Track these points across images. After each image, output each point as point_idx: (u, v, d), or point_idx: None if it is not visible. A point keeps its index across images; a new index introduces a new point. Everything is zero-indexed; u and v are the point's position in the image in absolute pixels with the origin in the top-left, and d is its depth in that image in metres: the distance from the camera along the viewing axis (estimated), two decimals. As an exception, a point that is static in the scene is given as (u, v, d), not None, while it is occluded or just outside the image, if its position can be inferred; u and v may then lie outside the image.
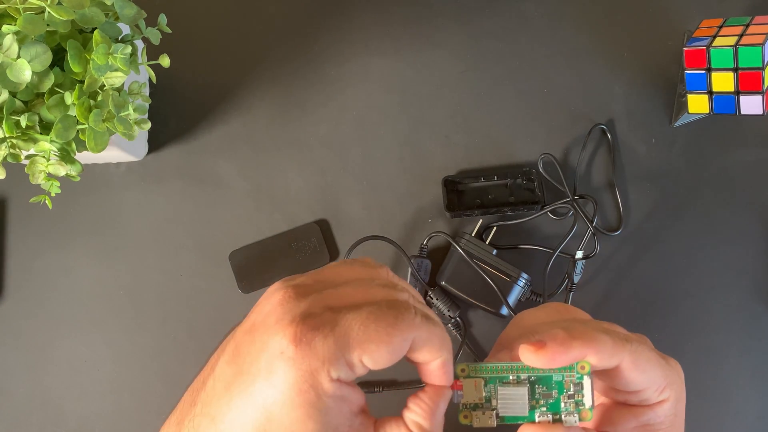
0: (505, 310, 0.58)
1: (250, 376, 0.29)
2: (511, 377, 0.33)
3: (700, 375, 0.60)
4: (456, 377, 0.33)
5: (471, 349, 0.60)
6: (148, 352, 0.61)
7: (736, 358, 0.60)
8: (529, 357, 0.31)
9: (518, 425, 0.33)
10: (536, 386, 0.33)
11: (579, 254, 0.58)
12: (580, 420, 0.32)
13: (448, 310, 0.59)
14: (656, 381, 0.33)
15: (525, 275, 0.58)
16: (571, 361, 0.31)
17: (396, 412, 0.61)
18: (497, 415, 0.33)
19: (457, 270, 0.59)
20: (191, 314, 0.61)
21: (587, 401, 0.32)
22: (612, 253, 0.61)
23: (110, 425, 0.60)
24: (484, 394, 0.33)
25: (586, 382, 0.32)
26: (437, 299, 0.59)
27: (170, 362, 0.61)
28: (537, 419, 0.32)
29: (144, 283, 0.61)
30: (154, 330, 0.61)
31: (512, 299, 0.58)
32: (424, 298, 0.60)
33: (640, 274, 0.61)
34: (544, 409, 0.32)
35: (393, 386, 0.59)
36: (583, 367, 0.32)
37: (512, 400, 0.32)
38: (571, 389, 0.32)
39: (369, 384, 0.59)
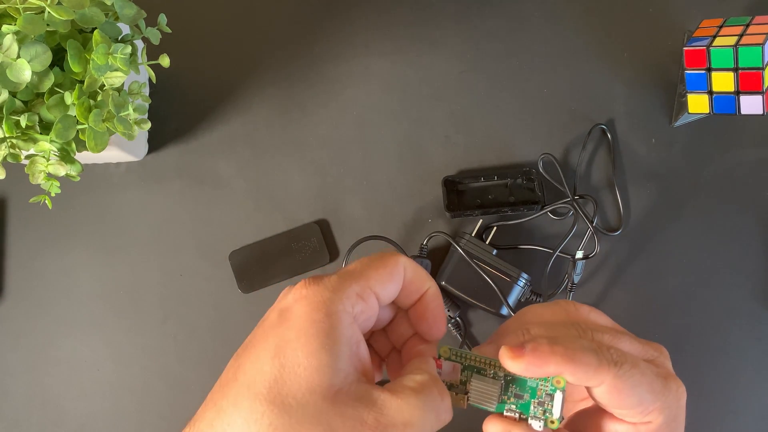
0: (505, 310, 0.58)
1: (260, 333, 0.31)
2: (489, 371, 0.34)
3: (700, 375, 0.60)
4: (438, 356, 0.34)
5: (471, 349, 0.60)
6: (148, 352, 0.61)
7: (736, 358, 0.60)
8: (505, 361, 0.31)
9: (486, 412, 0.34)
10: (510, 385, 0.33)
11: (579, 254, 0.58)
12: (545, 426, 0.32)
13: (448, 310, 0.59)
14: (642, 404, 0.31)
15: (525, 275, 0.58)
16: (545, 374, 0.31)
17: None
18: (467, 399, 0.34)
19: (457, 270, 0.59)
20: (191, 314, 0.61)
21: (555, 413, 0.32)
22: (612, 253, 0.61)
23: (110, 425, 0.60)
24: (460, 377, 0.34)
25: (558, 395, 0.32)
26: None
27: (170, 362, 0.61)
28: (505, 413, 0.33)
29: (144, 283, 0.61)
30: (154, 330, 0.61)
31: (512, 299, 0.58)
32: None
33: (640, 274, 0.61)
34: (514, 407, 0.33)
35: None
36: (558, 382, 0.32)
37: (484, 393, 0.33)
38: (543, 397, 0.33)
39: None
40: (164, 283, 0.61)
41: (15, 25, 0.42)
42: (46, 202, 0.50)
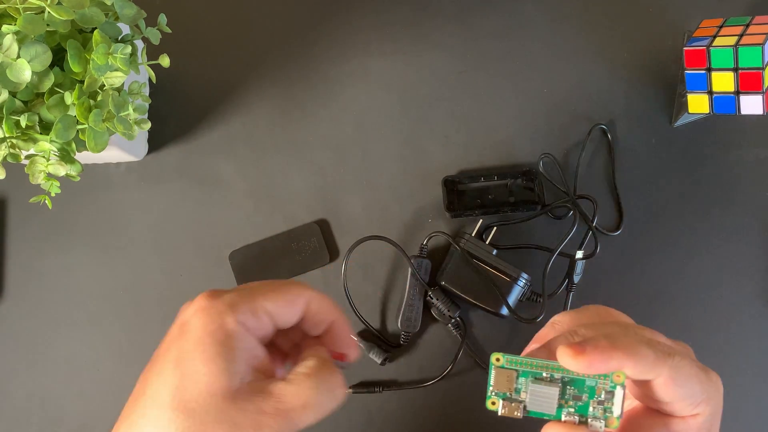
0: (505, 310, 0.58)
1: (164, 347, 0.34)
2: (544, 374, 0.33)
3: (700, 375, 0.60)
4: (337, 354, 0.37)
5: (471, 349, 0.60)
6: (148, 352, 0.60)
7: (737, 358, 0.60)
8: (566, 360, 0.31)
9: (541, 421, 0.33)
10: (568, 387, 0.33)
11: (579, 254, 0.58)
12: (606, 427, 0.32)
13: (448, 310, 0.59)
14: (693, 396, 0.32)
15: (525, 275, 0.58)
16: (608, 370, 0.31)
17: (396, 412, 0.61)
18: (524, 408, 0.33)
19: (457, 270, 0.59)
20: (191, 314, 0.61)
21: (616, 410, 0.32)
22: (612, 253, 0.61)
23: (110, 425, 0.60)
24: (515, 386, 0.33)
25: (619, 392, 0.32)
26: (437, 299, 0.59)
27: (170, 362, 0.60)
28: (563, 419, 0.33)
29: (144, 283, 0.61)
30: (154, 330, 0.61)
31: (512, 299, 0.58)
32: (424, 298, 0.60)
33: (640, 274, 0.61)
34: (572, 410, 0.33)
35: (393, 386, 0.59)
36: (618, 377, 0.32)
37: (542, 397, 0.33)
38: (602, 396, 0.32)
39: (369, 384, 0.59)
40: (164, 283, 0.61)
41: (15, 25, 0.42)
42: (46, 202, 0.50)
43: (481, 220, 0.61)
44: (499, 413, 0.33)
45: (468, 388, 0.60)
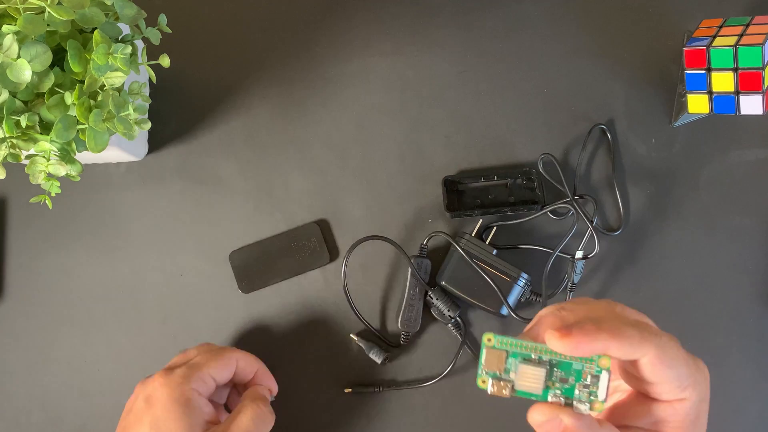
0: (505, 310, 0.58)
1: (134, 418, 0.47)
2: (533, 356, 0.34)
3: (700, 375, 0.60)
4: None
5: (471, 350, 0.60)
6: (148, 352, 0.61)
7: (736, 358, 0.60)
8: (553, 342, 0.32)
9: (529, 402, 0.34)
10: (555, 369, 0.34)
11: (579, 254, 0.58)
12: (591, 410, 0.33)
13: (448, 310, 0.59)
14: (679, 378, 0.33)
15: (525, 275, 0.58)
16: (593, 352, 0.31)
17: (395, 412, 0.61)
18: (512, 387, 0.34)
19: (457, 270, 0.59)
20: (191, 314, 0.61)
21: (601, 394, 0.33)
22: (612, 253, 0.61)
23: (110, 425, 0.60)
24: (505, 366, 0.34)
25: (604, 376, 0.33)
26: (437, 299, 0.59)
27: (170, 362, 0.61)
28: (549, 399, 0.33)
29: (144, 283, 0.61)
30: (154, 330, 0.61)
31: (512, 299, 0.58)
32: (424, 298, 0.60)
33: (640, 274, 0.61)
34: (559, 392, 0.33)
35: (392, 386, 0.59)
36: (604, 362, 0.33)
37: (529, 378, 0.34)
38: (588, 380, 0.33)
39: (369, 384, 0.59)
40: (164, 283, 0.61)
41: (15, 25, 0.42)
42: (46, 202, 0.50)
43: (481, 220, 0.61)
44: (489, 392, 0.34)
45: (468, 388, 0.60)
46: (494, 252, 0.59)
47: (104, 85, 0.47)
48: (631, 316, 0.35)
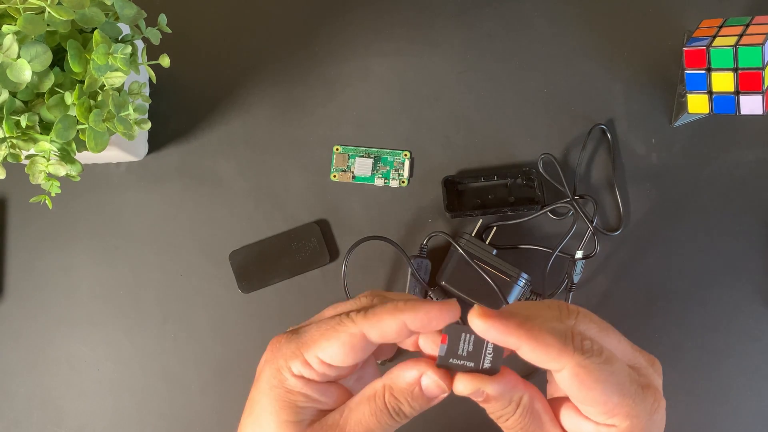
0: (505, 310, 0.58)
1: (252, 392, 0.37)
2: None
3: (700, 374, 0.60)
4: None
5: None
6: (148, 352, 0.61)
7: (736, 358, 0.60)
8: (473, 317, 0.31)
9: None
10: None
11: (579, 254, 0.58)
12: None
13: (448, 310, 0.59)
14: (606, 403, 0.31)
15: (525, 275, 0.58)
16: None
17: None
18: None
19: (457, 270, 0.59)
20: (191, 314, 0.61)
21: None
22: (612, 253, 0.61)
23: (110, 425, 0.60)
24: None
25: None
26: (437, 299, 0.59)
27: (170, 362, 0.61)
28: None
29: (144, 283, 0.61)
30: (154, 330, 0.61)
31: (512, 299, 0.58)
32: (424, 298, 0.60)
33: (640, 274, 0.61)
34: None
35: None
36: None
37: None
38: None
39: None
40: (164, 283, 0.61)
41: (15, 25, 0.42)
42: (47, 202, 0.50)
43: (481, 220, 0.61)
44: None
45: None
46: (494, 252, 0.59)
47: (104, 85, 0.47)
48: (584, 328, 0.33)
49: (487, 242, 0.59)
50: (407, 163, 0.62)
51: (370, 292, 0.37)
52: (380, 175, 0.62)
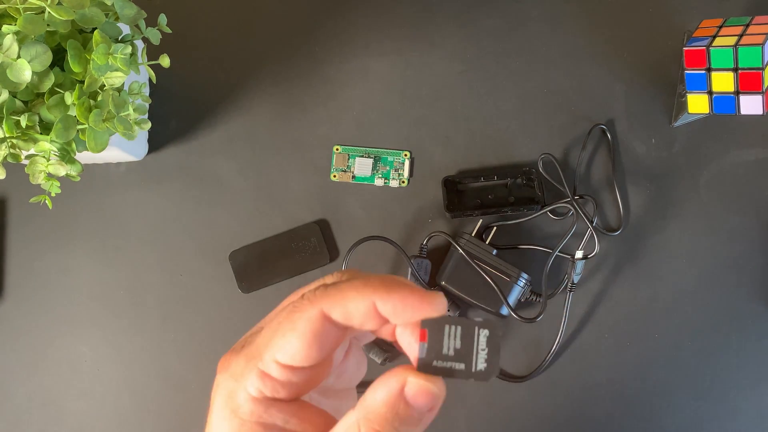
0: (505, 310, 0.58)
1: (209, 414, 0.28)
2: None
3: (700, 374, 0.60)
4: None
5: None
6: (148, 352, 0.61)
7: (736, 358, 0.60)
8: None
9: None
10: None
11: (579, 254, 0.58)
12: None
13: (449, 310, 0.59)
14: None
15: (525, 275, 0.58)
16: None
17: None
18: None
19: (457, 270, 0.59)
20: (191, 314, 0.61)
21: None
22: (612, 253, 0.61)
23: (110, 425, 0.60)
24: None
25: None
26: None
27: (170, 362, 0.61)
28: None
29: (144, 283, 0.61)
30: (154, 330, 0.61)
31: (512, 299, 0.58)
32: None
33: (640, 274, 0.61)
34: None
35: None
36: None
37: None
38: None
39: (369, 384, 0.59)
40: (164, 283, 0.61)
41: (15, 25, 0.42)
42: (46, 202, 0.50)
43: (481, 220, 0.61)
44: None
45: (467, 388, 0.60)
46: (494, 252, 0.59)
47: (104, 85, 0.47)
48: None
49: (487, 242, 0.59)
50: (407, 163, 0.62)
51: (344, 270, 0.29)
52: (380, 175, 0.62)
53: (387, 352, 0.59)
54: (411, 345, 0.26)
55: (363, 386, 0.27)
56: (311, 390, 0.27)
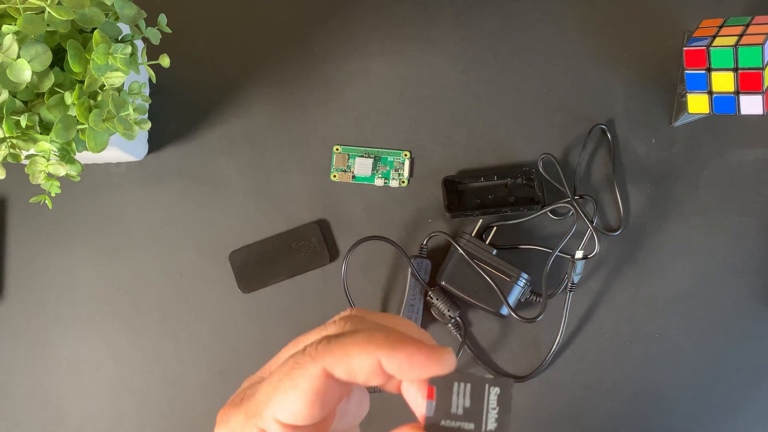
0: (505, 310, 0.58)
1: None
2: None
3: (700, 375, 0.60)
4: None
5: (471, 349, 0.60)
6: (148, 352, 0.61)
7: (736, 358, 0.60)
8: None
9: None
10: None
11: (579, 254, 0.58)
12: None
13: (448, 310, 0.59)
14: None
15: (525, 275, 0.58)
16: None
17: (395, 412, 0.61)
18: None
19: (457, 270, 0.59)
20: (191, 314, 0.61)
21: None
22: (612, 253, 0.61)
23: (110, 425, 0.60)
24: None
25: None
26: (437, 299, 0.59)
27: (170, 362, 0.61)
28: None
29: (144, 283, 0.61)
30: (154, 330, 0.61)
31: (512, 299, 0.58)
32: (424, 298, 0.60)
33: (640, 274, 0.61)
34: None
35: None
36: None
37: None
38: None
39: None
40: (164, 283, 0.61)
41: (15, 25, 0.42)
42: (46, 202, 0.50)
43: (481, 220, 0.61)
44: None
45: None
46: (494, 252, 0.59)
47: (104, 85, 0.47)
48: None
49: (487, 242, 0.59)
50: (407, 163, 0.62)
51: (348, 313, 0.28)
52: (380, 175, 0.62)
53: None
54: (417, 401, 0.25)
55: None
56: None
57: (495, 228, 0.61)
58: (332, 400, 0.25)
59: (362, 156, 0.62)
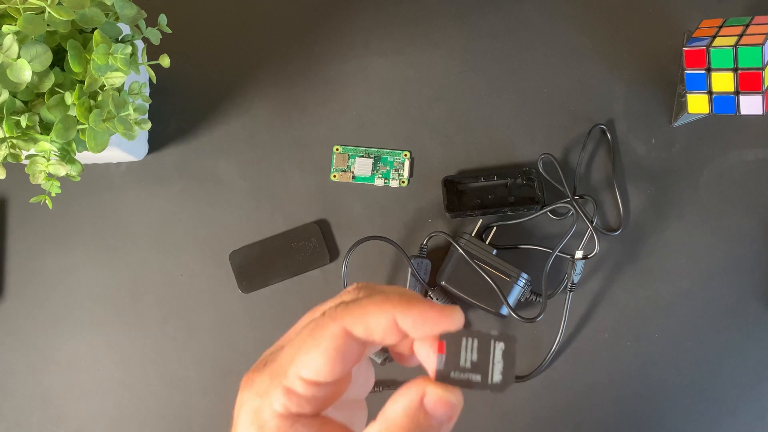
0: (505, 310, 0.58)
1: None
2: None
3: (700, 375, 0.60)
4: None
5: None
6: (148, 352, 0.61)
7: (736, 358, 0.60)
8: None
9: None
10: None
11: (579, 254, 0.58)
12: None
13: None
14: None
15: (525, 275, 0.58)
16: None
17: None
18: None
19: (457, 270, 0.59)
20: (191, 314, 0.61)
21: None
22: (612, 253, 0.61)
23: (110, 425, 0.60)
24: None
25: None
26: (437, 299, 0.59)
27: (170, 362, 0.61)
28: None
29: (144, 283, 0.61)
30: (154, 330, 0.61)
31: (512, 299, 0.58)
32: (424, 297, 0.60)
33: (640, 274, 0.61)
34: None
35: (392, 386, 0.59)
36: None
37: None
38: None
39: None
40: (164, 283, 0.61)
41: (15, 25, 0.42)
42: (47, 202, 0.50)
43: (481, 220, 0.61)
44: None
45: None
46: (494, 252, 0.59)
47: (104, 85, 0.47)
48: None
49: (487, 242, 0.59)
50: (407, 163, 0.62)
51: (357, 284, 0.30)
52: (380, 175, 0.62)
53: (387, 353, 0.59)
54: (429, 357, 0.27)
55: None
56: (332, 404, 0.28)
57: (495, 228, 0.61)
58: (351, 358, 0.27)
59: (362, 156, 0.61)
